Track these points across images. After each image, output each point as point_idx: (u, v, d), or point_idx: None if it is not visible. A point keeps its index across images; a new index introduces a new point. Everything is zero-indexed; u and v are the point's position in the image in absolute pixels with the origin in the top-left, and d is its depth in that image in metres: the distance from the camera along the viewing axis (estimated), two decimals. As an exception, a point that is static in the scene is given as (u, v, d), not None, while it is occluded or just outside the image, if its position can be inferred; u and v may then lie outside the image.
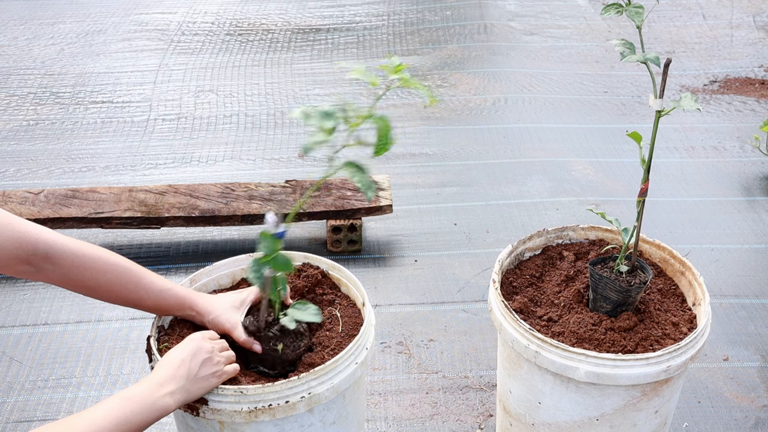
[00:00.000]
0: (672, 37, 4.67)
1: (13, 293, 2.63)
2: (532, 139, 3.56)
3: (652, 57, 1.49)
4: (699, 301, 1.67)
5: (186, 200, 2.78)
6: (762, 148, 3.35)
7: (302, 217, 2.75)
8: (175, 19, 4.95)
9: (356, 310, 1.63)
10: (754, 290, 2.61)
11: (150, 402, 1.25)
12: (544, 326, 1.65)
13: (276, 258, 1.34)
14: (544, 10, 5.05)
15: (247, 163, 3.41)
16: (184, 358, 1.32)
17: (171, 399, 1.27)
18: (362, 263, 2.78)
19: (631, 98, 3.95)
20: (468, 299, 2.59)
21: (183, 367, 1.30)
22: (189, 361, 1.31)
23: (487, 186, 3.22)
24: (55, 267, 1.35)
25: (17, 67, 4.33)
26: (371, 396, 2.22)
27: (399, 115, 3.80)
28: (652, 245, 1.82)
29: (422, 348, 2.39)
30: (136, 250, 2.83)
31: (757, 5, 5.06)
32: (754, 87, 4.06)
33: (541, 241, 1.88)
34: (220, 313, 1.48)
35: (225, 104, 3.93)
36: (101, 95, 4.03)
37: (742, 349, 2.37)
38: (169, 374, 1.29)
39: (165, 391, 1.27)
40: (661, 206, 3.06)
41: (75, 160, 3.44)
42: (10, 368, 2.32)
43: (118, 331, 2.46)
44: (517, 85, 4.07)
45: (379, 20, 4.92)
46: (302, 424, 1.40)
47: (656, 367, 1.49)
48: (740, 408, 2.16)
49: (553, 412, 1.62)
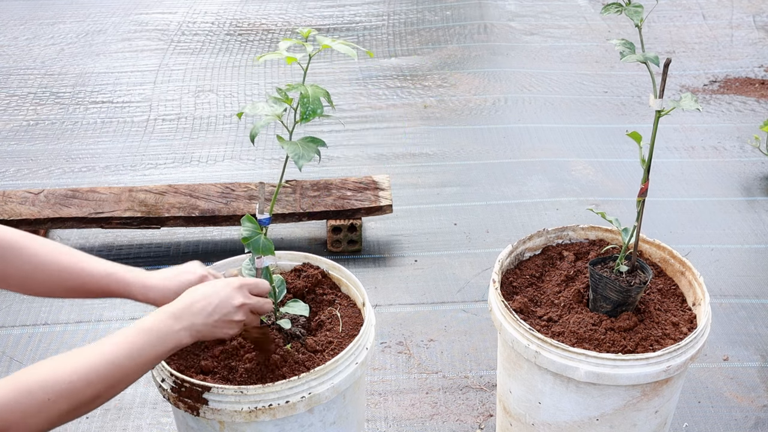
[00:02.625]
0: (672, 37, 4.67)
1: (13, 293, 2.62)
2: (532, 139, 3.56)
3: (651, 57, 1.49)
4: (699, 301, 1.67)
5: (186, 200, 2.78)
6: (762, 148, 3.35)
7: (302, 217, 2.75)
8: (175, 19, 4.95)
9: (356, 310, 1.63)
10: (754, 290, 2.61)
11: (164, 333, 1.21)
12: (544, 326, 1.65)
13: (257, 240, 1.34)
14: (544, 10, 5.05)
15: (247, 163, 3.41)
16: (210, 301, 1.27)
17: (186, 333, 1.24)
18: (362, 263, 2.78)
19: (631, 98, 3.95)
20: (468, 299, 2.59)
21: (204, 309, 1.26)
22: (213, 305, 1.27)
23: (487, 186, 3.22)
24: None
25: (17, 67, 4.33)
26: (371, 396, 2.22)
27: (399, 115, 3.80)
28: (652, 245, 1.82)
29: (422, 348, 2.40)
30: (136, 250, 2.83)
31: (757, 5, 5.06)
32: (754, 87, 4.06)
33: (541, 241, 1.88)
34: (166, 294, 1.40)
35: (225, 104, 3.93)
36: (101, 95, 4.03)
37: (742, 349, 2.37)
38: (188, 310, 1.25)
39: (181, 325, 1.23)
40: (661, 206, 3.06)
41: (75, 160, 3.44)
42: (10, 368, 2.32)
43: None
44: (517, 85, 4.07)
45: (379, 20, 4.92)
46: (302, 424, 1.40)
47: (656, 367, 1.49)
48: (740, 408, 2.16)
49: (553, 412, 1.62)
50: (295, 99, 1.31)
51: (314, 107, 1.27)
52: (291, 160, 1.28)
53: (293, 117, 1.30)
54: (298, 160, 1.25)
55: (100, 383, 1.13)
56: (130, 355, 1.17)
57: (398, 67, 4.31)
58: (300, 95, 1.28)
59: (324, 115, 1.28)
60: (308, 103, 1.26)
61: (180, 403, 1.36)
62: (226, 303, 1.29)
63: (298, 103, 1.29)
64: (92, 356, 1.14)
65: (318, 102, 1.27)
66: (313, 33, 1.33)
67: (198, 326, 1.25)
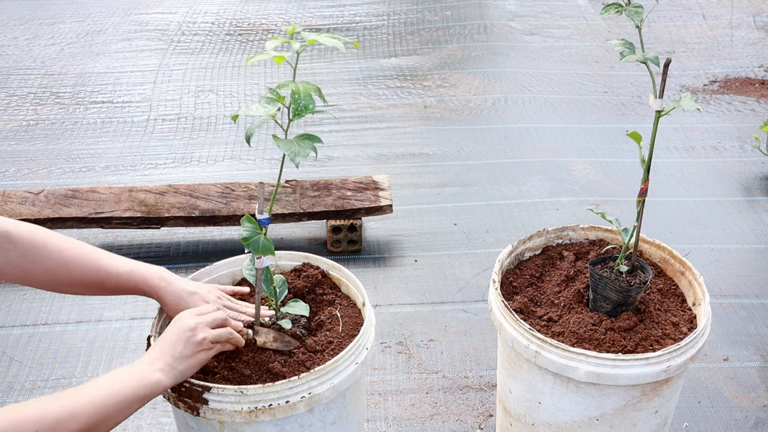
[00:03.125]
0: (672, 37, 4.67)
1: (13, 293, 2.63)
2: (532, 139, 3.56)
3: (651, 57, 1.49)
4: (699, 301, 1.67)
5: (186, 200, 2.78)
6: (762, 148, 3.35)
7: (302, 217, 2.75)
8: (175, 19, 4.96)
9: (356, 310, 1.63)
10: (754, 290, 2.61)
11: (139, 376, 1.26)
12: (544, 326, 1.65)
13: (256, 240, 1.35)
14: (544, 10, 5.05)
15: (247, 163, 3.41)
16: (170, 337, 1.33)
17: (162, 374, 1.29)
18: (362, 263, 2.78)
19: (631, 98, 3.95)
20: (468, 299, 2.59)
21: (167, 346, 1.32)
22: (174, 340, 1.32)
23: (487, 186, 3.22)
24: (14, 246, 1.36)
25: (17, 67, 4.33)
26: (371, 396, 2.22)
27: (399, 115, 3.80)
28: (652, 245, 1.82)
29: (422, 348, 2.40)
30: (136, 250, 2.83)
31: (757, 5, 5.06)
32: (754, 87, 4.06)
33: (541, 241, 1.88)
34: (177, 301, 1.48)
35: (225, 104, 3.93)
36: (101, 95, 4.03)
37: (742, 349, 2.37)
38: (157, 353, 1.31)
39: (155, 367, 1.29)
40: (661, 206, 3.06)
41: (75, 160, 3.44)
42: (10, 368, 2.32)
43: (118, 331, 2.46)
44: (517, 85, 4.07)
45: (379, 20, 4.92)
46: (302, 424, 1.40)
47: (656, 367, 1.49)
48: (740, 408, 2.16)
49: (553, 412, 1.62)
50: (288, 97, 1.31)
51: (306, 103, 1.27)
52: (288, 159, 1.28)
53: (288, 116, 1.31)
54: (295, 158, 1.26)
55: (84, 423, 1.18)
56: (113, 397, 1.22)
57: (398, 67, 4.31)
58: (291, 92, 1.28)
59: (316, 111, 1.29)
60: (299, 99, 1.27)
61: (180, 403, 1.36)
62: (183, 329, 1.34)
63: (290, 101, 1.29)
64: (77, 397, 1.20)
65: (309, 98, 1.28)
66: (299, 29, 1.34)
67: (171, 363, 1.30)
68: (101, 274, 1.43)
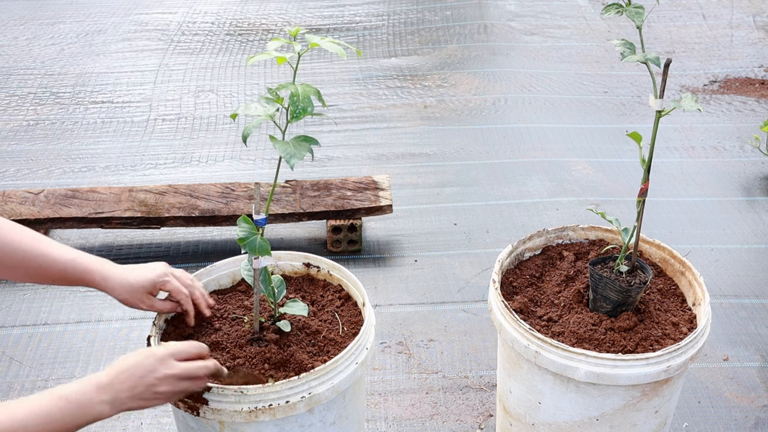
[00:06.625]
0: (672, 37, 4.67)
1: (13, 293, 2.63)
2: (532, 139, 3.56)
3: (652, 57, 1.49)
4: (699, 301, 1.67)
5: (186, 200, 2.78)
6: (762, 148, 3.35)
7: (302, 217, 2.75)
8: (175, 19, 4.95)
9: (356, 310, 1.63)
10: (754, 290, 2.61)
11: (84, 404, 1.19)
12: (544, 326, 1.65)
13: (253, 241, 1.35)
14: (544, 10, 5.05)
15: (247, 163, 3.41)
16: (135, 369, 1.25)
17: (107, 407, 1.21)
18: (362, 263, 2.78)
19: (631, 98, 3.95)
20: (468, 299, 2.59)
21: (127, 382, 1.24)
22: (136, 377, 1.25)
23: (487, 186, 3.22)
24: None
25: (17, 67, 4.33)
26: (371, 396, 2.22)
27: (399, 116, 3.80)
28: (652, 245, 1.82)
29: (422, 348, 2.40)
30: (136, 250, 2.83)
31: (757, 5, 5.06)
32: (754, 87, 4.06)
33: (541, 241, 1.88)
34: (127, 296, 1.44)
35: (225, 104, 3.93)
36: (101, 95, 4.03)
37: (742, 349, 2.37)
38: (112, 382, 1.23)
39: (103, 397, 1.21)
40: (661, 206, 3.06)
41: (75, 160, 3.44)
42: (10, 368, 2.32)
43: (118, 331, 2.46)
44: (517, 85, 4.07)
45: (379, 20, 4.92)
46: (302, 424, 1.40)
47: (656, 367, 1.49)
48: (740, 408, 2.16)
49: (553, 412, 1.62)
50: (287, 99, 1.31)
51: (304, 105, 1.27)
52: (276, 160, 1.28)
53: (286, 117, 1.31)
54: (290, 159, 1.25)
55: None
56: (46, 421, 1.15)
57: (398, 67, 4.31)
58: (290, 94, 1.28)
59: (315, 113, 1.28)
60: (298, 102, 1.27)
61: (180, 403, 1.36)
62: (149, 375, 1.26)
63: (288, 103, 1.29)
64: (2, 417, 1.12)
65: (308, 100, 1.27)
66: (302, 31, 1.34)
67: (122, 399, 1.23)
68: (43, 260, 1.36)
